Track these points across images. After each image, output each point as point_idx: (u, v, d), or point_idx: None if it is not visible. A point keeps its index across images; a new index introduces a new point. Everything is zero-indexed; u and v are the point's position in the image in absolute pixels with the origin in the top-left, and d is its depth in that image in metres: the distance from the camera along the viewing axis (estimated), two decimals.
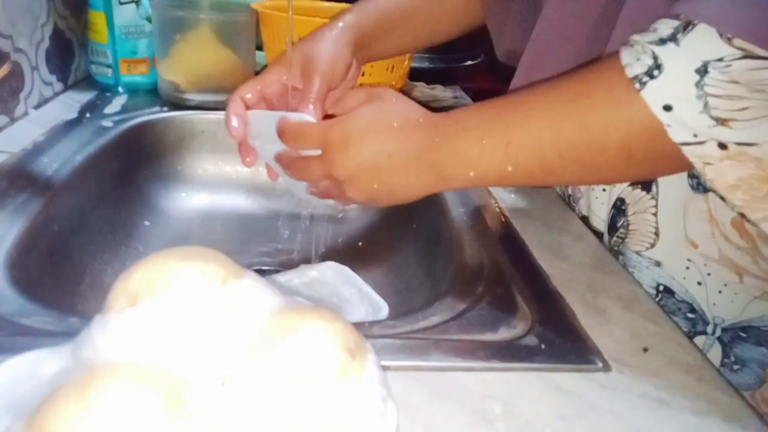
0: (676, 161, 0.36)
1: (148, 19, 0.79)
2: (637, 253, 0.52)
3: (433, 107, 0.85)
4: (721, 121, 0.34)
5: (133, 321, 0.28)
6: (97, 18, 0.77)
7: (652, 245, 0.51)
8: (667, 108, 0.34)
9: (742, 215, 0.43)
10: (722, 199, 0.42)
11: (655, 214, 0.50)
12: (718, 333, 0.49)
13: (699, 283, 0.49)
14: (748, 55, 0.32)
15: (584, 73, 0.39)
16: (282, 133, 0.45)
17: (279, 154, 0.47)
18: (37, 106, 0.70)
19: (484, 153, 0.40)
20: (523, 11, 0.56)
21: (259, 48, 0.83)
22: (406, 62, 0.82)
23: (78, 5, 0.79)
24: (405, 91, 0.88)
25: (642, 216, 0.51)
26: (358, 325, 0.36)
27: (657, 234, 0.50)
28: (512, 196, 0.62)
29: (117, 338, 0.27)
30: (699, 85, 0.33)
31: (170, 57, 0.76)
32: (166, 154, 0.75)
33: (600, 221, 0.56)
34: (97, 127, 0.67)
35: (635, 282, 0.49)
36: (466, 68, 1.26)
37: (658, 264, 0.51)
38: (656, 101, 0.35)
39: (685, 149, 0.35)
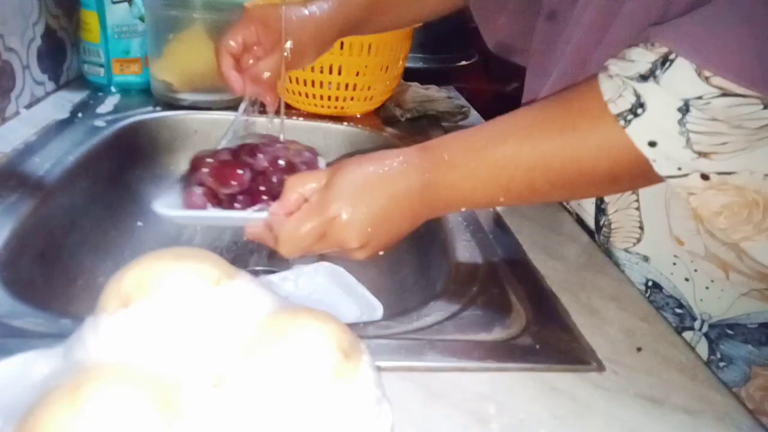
0: (657, 180, 0.38)
1: (141, 19, 0.78)
2: (626, 250, 0.52)
3: (428, 107, 0.85)
4: (704, 155, 0.36)
5: (125, 322, 0.27)
6: (90, 17, 0.76)
7: (639, 240, 0.51)
8: (652, 144, 0.36)
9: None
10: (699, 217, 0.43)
11: (638, 209, 0.50)
12: (705, 329, 0.50)
13: (686, 279, 0.49)
14: (726, 93, 0.33)
15: (568, 104, 0.40)
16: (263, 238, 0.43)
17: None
18: (28, 106, 0.69)
19: (476, 188, 0.41)
20: (519, 6, 0.57)
21: None
22: (401, 62, 0.82)
23: (70, 4, 0.78)
24: (399, 92, 0.88)
25: (625, 212, 0.51)
26: (353, 326, 0.36)
27: (642, 228, 0.51)
28: None
29: (109, 340, 0.27)
30: (681, 122, 0.35)
31: (163, 57, 0.76)
32: (159, 155, 0.75)
33: (591, 219, 0.56)
34: (90, 127, 0.67)
35: (629, 282, 0.49)
36: (460, 68, 1.26)
37: (645, 259, 0.51)
38: (641, 138, 0.36)
39: (671, 181, 0.37)
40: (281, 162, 0.47)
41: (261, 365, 0.27)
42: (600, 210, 0.54)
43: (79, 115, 0.70)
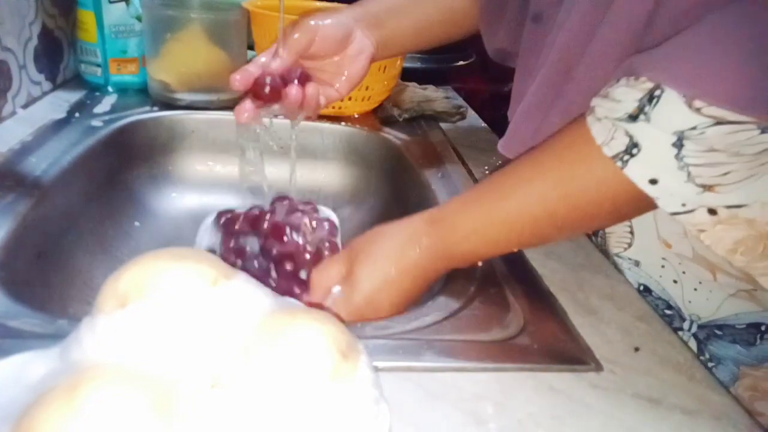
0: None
1: (138, 18, 0.78)
2: (617, 255, 0.53)
3: (425, 107, 0.85)
4: (707, 188, 0.35)
5: (122, 323, 0.27)
6: (87, 17, 0.76)
7: (630, 245, 0.51)
8: (653, 182, 0.35)
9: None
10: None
11: None
12: (694, 329, 0.50)
13: (675, 282, 0.49)
14: (720, 122, 0.33)
15: (562, 153, 0.40)
16: None
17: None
18: (25, 106, 0.69)
19: (489, 249, 0.44)
20: (515, 15, 0.57)
21: (251, 47, 0.82)
22: (398, 62, 0.82)
23: (66, 4, 0.78)
24: (397, 92, 0.88)
25: None
26: (351, 326, 0.36)
27: (632, 233, 0.51)
28: None
29: (106, 340, 0.27)
30: (678, 157, 0.34)
31: (160, 56, 0.76)
32: (156, 154, 0.74)
33: None
34: (87, 127, 0.67)
35: (627, 282, 0.49)
36: (458, 68, 1.26)
37: (637, 264, 0.52)
38: (641, 177, 0.36)
39: (679, 218, 0.36)
40: (308, 249, 0.50)
41: (259, 366, 0.27)
42: None
43: (76, 114, 0.70)
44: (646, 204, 0.37)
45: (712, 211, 0.36)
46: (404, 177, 0.71)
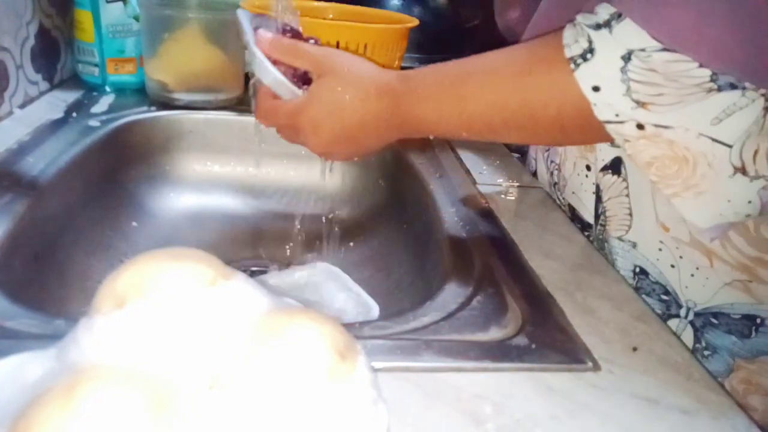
0: (602, 134, 0.41)
1: (136, 18, 0.78)
2: (619, 238, 0.53)
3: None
4: (641, 104, 0.38)
5: (120, 323, 0.27)
6: (84, 16, 0.76)
7: (629, 227, 0.52)
8: (596, 89, 0.39)
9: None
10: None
11: (627, 196, 0.51)
12: (690, 317, 0.50)
13: (672, 266, 0.50)
14: (667, 49, 0.36)
15: (531, 48, 0.43)
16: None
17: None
18: (22, 106, 0.69)
19: (441, 120, 0.45)
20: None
21: None
22: (397, 62, 0.82)
23: (64, 3, 0.78)
24: None
25: (617, 200, 0.52)
26: (349, 326, 0.36)
27: (631, 215, 0.51)
28: (502, 196, 0.63)
29: (103, 341, 0.27)
30: (623, 70, 0.38)
31: (158, 56, 0.76)
32: (153, 154, 0.74)
33: (587, 212, 0.57)
34: (84, 127, 0.67)
35: (625, 282, 0.49)
36: None
37: (634, 245, 0.52)
38: (587, 82, 0.39)
39: (608, 126, 0.40)
40: None
41: (257, 366, 0.27)
42: (598, 198, 0.54)
43: (74, 114, 0.70)
44: (584, 120, 0.40)
45: (640, 126, 0.39)
46: (402, 177, 0.71)
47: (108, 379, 0.25)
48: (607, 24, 0.38)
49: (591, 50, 0.38)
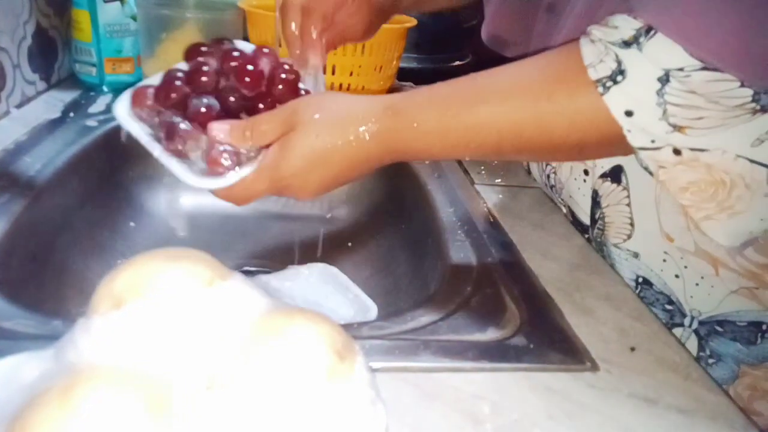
0: (621, 148, 0.37)
1: (133, 18, 0.78)
2: (616, 245, 0.53)
3: None
4: (678, 128, 0.35)
5: (117, 324, 0.27)
6: (81, 16, 0.76)
7: (629, 236, 0.51)
8: (629, 113, 0.35)
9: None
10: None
11: (628, 205, 0.50)
12: (695, 326, 0.50)
13: (676, 276, 0.49)
14: (707, 68, 0.33)
15: (546, 69, 0.39)
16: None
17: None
18: (19, 106, 0.69)
19: (444, 150, 0.40)
20: (515, 5, 0.57)
21: None
22: (395, 62, 0.82)
23: (61, 3, 0.78)
24: (393, 92, 0.88)
25: (616, 208, 0.52)
26: (347, 326, 0.36)
27: (632, 225, 0.51)
28: (500, 196, 0.63)
29: (101, 341, 0.27)
30: (660, 93, 0.34)
31: (156, 56, 0.75)
32: (151, 155, 0.74)
33: (585, 214, 0.57)
34: (81, 127, 0.66)
35: (623, 282, 0.49)
36: (454, 68, 1.26)
37: (636, 255, 0.51)
38: (619, 107, 0.35)
39: (643, 153, 0.37)
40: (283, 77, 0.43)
41: (254, 366, 0.27)
42: (596, 203, 0.54)
43: (71, 114, 0.70)
44: (608, 143, 0.37)
45: (677, 152, 0.37)
46: (400, 177, 0.71)
47: (106, 379, 0.25)
48: (636, 41, 0.35)
49: (621, 71, 0.35)
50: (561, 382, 0.36)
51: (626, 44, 0.35)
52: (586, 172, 0.54)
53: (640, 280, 0.52)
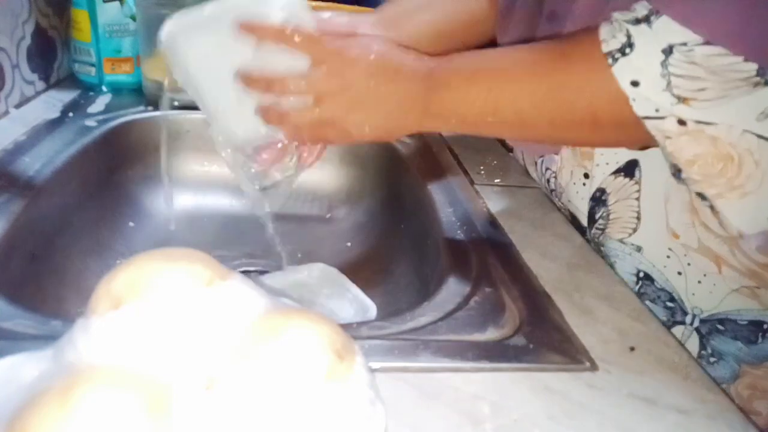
0: (637, 131, 0.40)
1: (133, 18, 0.78)
2: (620, 240, 0.53)
3: None
4: (683, 99, 0.37)
5: (116, 324, 0.27)
6: (80, 16, 0.75)
7: (635, 230, 0.51)
8: (635, 83, 0.38)
9: (700, 195, 0.44)
10: (679, 172, 0.44)
11: (638, 199, 0.51)
12: (696, 324, 0.50)
13: (679, 273, 0.49)
14: (710, 42, 0.36)
15: (566, 43, 0.43)
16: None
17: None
18: (18, 105, 0.69)
19: (470, 108, 0.44)
20: (525, 15, 0.57)
21: None
22: None
23: (60, 3, 0.78)
24: None
25: (624, 203, 0.52)
26: (346, 326, 0.36)
27: (639, 218, 0.51)
28: (500, 196, 0.63)
29: (100, 342, 0.27)
30: (664, 64, 0.37)
31: (155, 56, 0.75)
32: (150, 154, 0.74)
33: (583, 216, 0.57)
34: (80, 127, 0.66)
35: (622, 282, 0.49)
36: None
37: (638, 249, 0.51)
38: (625, 77, 0.38)
39: (647, 122, 0.39)
40: None
41: (253, 367, 0.27)
42: (599, 202, 0.54)
43: (70, 114, 0.70)
44: (619, 115, 0.39)
45: (681, 122, 0.38)
46: (400, 177, 0.71)
47: (105, 380, 0.25)
48: (646, 19, 0.38)
49: (630, 45, 0.38)
50: (560, 382, 0.36)
51: (637, 21, 0.38)
52: (586, 176, 0.54)
53: (642, 275, 0.52)
